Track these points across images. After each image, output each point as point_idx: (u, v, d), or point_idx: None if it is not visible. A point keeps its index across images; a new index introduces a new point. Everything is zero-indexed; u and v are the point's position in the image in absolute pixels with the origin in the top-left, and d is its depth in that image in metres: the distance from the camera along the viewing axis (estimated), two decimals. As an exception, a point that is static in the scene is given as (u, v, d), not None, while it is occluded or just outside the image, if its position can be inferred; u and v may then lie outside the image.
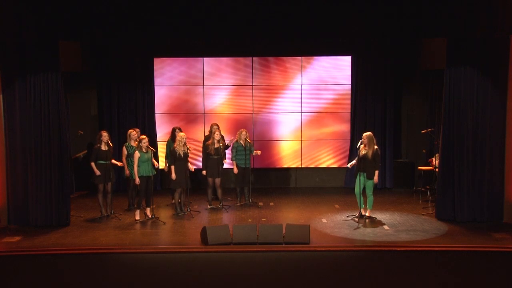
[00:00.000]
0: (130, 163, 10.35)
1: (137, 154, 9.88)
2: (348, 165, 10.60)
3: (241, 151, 11.04)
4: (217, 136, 10.85)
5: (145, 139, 9.97)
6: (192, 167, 10.58)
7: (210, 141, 10.88)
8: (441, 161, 9.98)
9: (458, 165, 9.81)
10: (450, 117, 9.81)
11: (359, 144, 9.98)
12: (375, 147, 9.94)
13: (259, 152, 11.30)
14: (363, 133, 10.15)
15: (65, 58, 10.17)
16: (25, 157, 9.70)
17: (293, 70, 13.00)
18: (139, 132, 10.69)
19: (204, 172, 10.96)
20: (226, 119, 12.95)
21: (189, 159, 10.65)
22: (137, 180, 9.89)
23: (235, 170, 11.08)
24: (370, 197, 10.02)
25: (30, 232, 9.37)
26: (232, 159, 11.15)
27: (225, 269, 7.97)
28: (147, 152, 9.92)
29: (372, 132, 10.21)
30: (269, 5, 11.92)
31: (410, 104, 13.15)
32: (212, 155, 10.79)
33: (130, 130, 10.68)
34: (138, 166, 9.85)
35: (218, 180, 10.91)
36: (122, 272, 7.93)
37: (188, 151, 10.53)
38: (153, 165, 10.03)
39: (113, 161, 10.29)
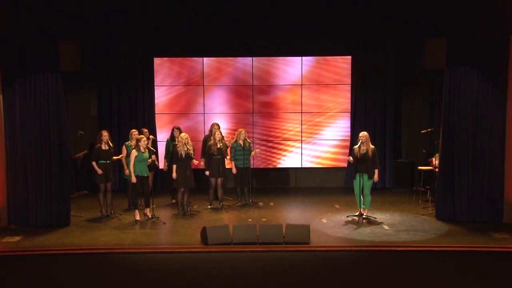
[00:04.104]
0: (128, 163, 10.35)
1: (134, 153, 9.87)
2: (350, 158, 10.31)
3: (240, 151, 11.04)
4: (217, 136, 10.86)
5: (143, 138, 9.96)
6: (195, 162, 10.49)
7: (212, 142, 10.88)
8: (441, 161, 9.98)
9: (458, 165, 9.81)
10: (450, 117, 9.81)
11: (358, 144, 9.97)
12: (371, 146, 9.98)
13: (257, 150, 11.31)
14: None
15: (65, 58, 10.17)
16: (25, 157, 9.69)
17: (293, 70, 13.00)
18: (148, 133, 10.65)
19: (207, 173, 10.97)
20: (226, 119, 12.95)
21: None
22: (133, 179, 9.88)
23: (234, 171, 11.10)
24: (369, 197, 10.03)
25: (30, 232, 9.37)
26: (230, 159, 11.15)
27: (225, 269, 7.96)
28: (144, 152, 9.91)
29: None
30: (269, 6, 11.98)
31: (410, 104, 13.15)
32: (215, 156, 10.80)
33: (133, 130, 10.67)
34: (135, 165, 9.85)
35: (220, 180, 10.93)
36: (122, 272, 7.92)
37: (190, 151, 10.48)
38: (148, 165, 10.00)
39: (114, 157, 10.30)
